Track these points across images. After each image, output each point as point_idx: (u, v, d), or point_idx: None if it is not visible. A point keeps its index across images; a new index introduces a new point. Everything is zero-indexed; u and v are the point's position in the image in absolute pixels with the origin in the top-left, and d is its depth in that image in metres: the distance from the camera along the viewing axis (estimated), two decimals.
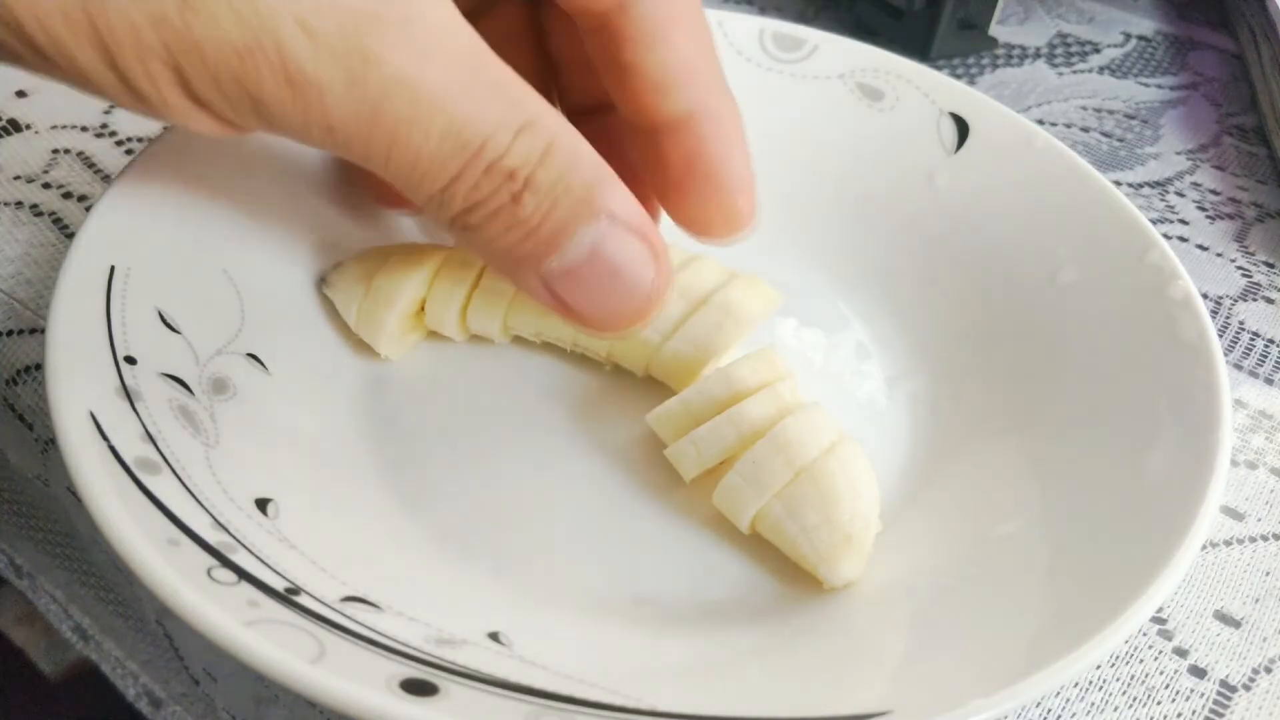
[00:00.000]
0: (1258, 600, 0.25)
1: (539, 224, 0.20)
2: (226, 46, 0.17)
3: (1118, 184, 0.37)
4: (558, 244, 0.21)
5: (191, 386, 0.22)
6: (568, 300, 0.22)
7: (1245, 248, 0.35)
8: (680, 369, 0.25)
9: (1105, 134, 0.40)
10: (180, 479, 0.20)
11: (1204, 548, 0.26)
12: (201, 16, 0.16)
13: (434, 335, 0.28)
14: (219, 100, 0.18)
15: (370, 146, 0.19)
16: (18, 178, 0.32)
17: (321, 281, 0.27)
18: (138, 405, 0.20)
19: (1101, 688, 0.23)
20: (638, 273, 0.21)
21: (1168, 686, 0.23)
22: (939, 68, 0.40)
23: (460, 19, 0.19)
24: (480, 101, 0.19)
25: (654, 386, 0.27)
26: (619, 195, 0.21)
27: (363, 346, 0.26)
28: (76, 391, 0.20)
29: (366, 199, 0.28)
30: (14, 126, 0.34)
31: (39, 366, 0.28)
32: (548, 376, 0.27)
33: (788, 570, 0.23)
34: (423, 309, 0.26)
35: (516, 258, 0.21)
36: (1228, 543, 0.26)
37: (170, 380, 0.22)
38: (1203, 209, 0.37)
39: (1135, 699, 0.23)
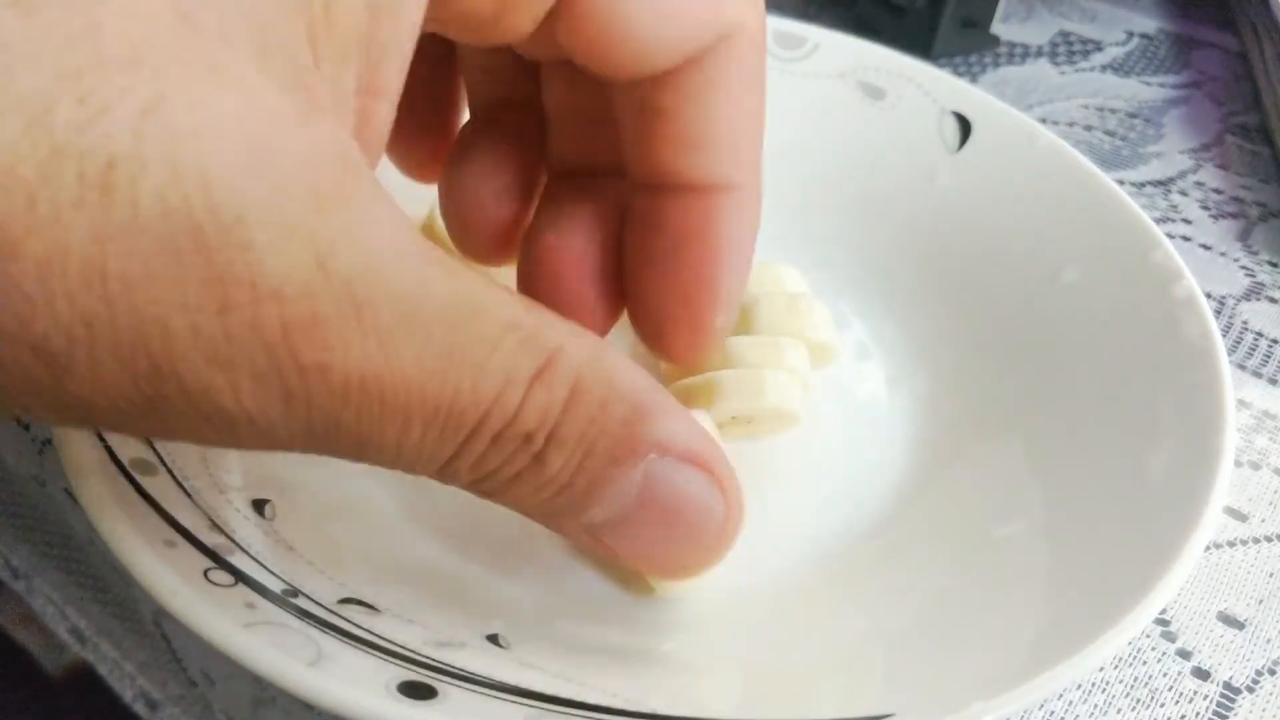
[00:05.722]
0: (1261, 602, 0.25)
1: (571, 479, 0.17)
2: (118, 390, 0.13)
3: (1120, 183, 0.37)
4: (598, 494, 0.17)
5: None
6: (620, 550, 0.18)
7: (1249, 247, 0.35)
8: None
9: (1108, 133, 0.40)
10: (177, 480, 0.20)
11: (1207, 549, 0.26)
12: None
13: None
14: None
15: (336, 451, 0.15)
16: None
17: None
18: None
19: (1104, 690, 0.23)
20: (700, 509, 0.18)
21: (1171, 688, 0.23)
22: (941, 66, 0.40)
23: (440, 257, 0.15)
24: (477, 363, 0.15)
25: None
26: (667, 419, 0.17)
27: None
28: None
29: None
30: None
31: None
32: None
33: (787, 570, 0.23)
34: None
35: (551, 513, 0.17)
36: (1231, 544, 0.26)
37: None
38: (1206, 208, 0.37)
39: (1138, 701, 0.23)
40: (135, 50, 0.12)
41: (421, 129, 0.23)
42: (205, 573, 0.18)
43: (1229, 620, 0.24)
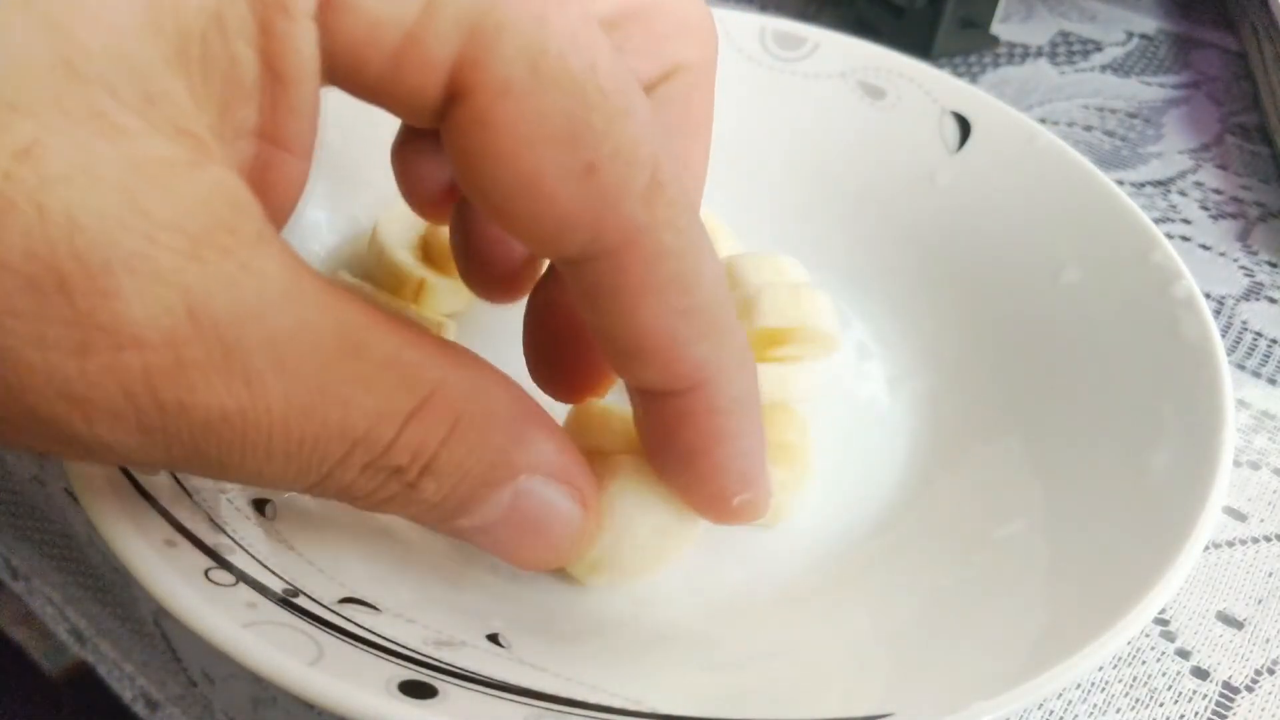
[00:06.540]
0: (1260, 601, 0.25)
1: (442, 500, 0.17)
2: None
3: (1120, 183, 0.37)
4: (468, 509, 0.18)
5: None
6: (483, 547, 0.19)
7: (1248, 247, 0.35)
8: None
9: (1107, 133, 0.40)
10: (177, 479, 0.20)
11: (1207, 549, 0.26)
12: None
13: None
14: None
15: (198, 472, 0.16)
16: None
17: None
18: None
19: (1104, 689, 0.23)
20: (562, 521, 0.19)
21: (1170, 688, 0.23)
22: (940, 66, 0.40)
23: (327, 298, 0.15)
24: (346, 400, 0.15)
25: None
26: (538, 445, 0.18)
27: None
28: None
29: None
30: None
31: None
32: None
33: (787, 571, 0.23)
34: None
35: (420, 520, 0.18)
36: (1230, 544, 0.26)
37: None
38: (1205, 208, 0.37)
39: (1138, 700, 0.23)
40: (14, 94, 0.13)
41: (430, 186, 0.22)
42: (206, 572, 0.18)
43: (1228, 620, 0.24)
